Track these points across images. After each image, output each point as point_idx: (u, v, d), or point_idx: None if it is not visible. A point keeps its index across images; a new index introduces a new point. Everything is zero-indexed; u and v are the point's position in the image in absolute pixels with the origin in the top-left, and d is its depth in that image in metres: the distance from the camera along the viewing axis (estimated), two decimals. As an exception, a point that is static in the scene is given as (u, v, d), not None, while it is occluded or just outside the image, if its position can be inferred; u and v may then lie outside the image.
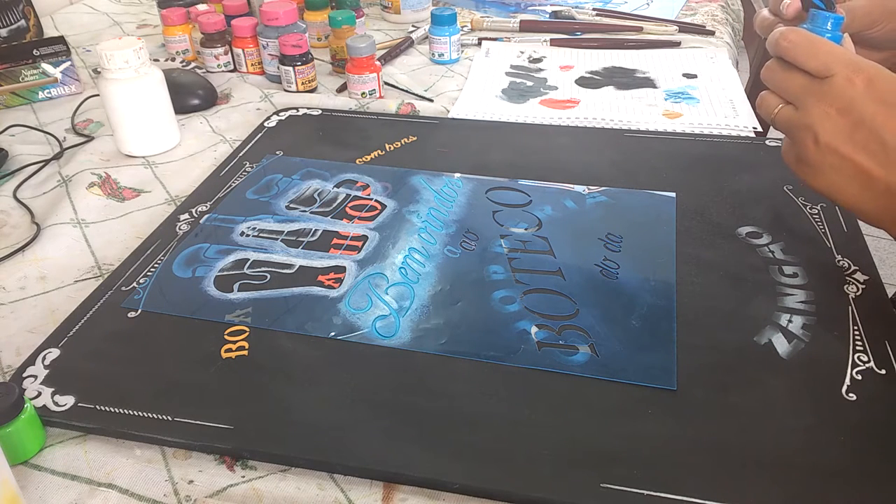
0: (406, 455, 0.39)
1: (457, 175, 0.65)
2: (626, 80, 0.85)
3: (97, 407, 0.43)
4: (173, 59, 0.95)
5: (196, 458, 0.41)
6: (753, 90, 1.03)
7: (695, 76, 0.85)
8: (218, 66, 0.91)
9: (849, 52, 0.46)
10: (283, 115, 0.77)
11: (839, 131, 0.45)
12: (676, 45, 0.94)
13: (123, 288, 0.52)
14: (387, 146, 0.70)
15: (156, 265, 0.54)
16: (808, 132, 0.46)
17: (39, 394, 0.44)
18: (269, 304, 0.50)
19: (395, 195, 0.62)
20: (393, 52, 0.94)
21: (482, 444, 0.40)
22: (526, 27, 1.00)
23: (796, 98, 0.47)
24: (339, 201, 0.62)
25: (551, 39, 0.96)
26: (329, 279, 0.53)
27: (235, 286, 0.52)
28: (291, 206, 0.62)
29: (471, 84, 0.85)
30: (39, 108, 0.83)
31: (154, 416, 0.42)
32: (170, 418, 0.42)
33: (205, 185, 0.65)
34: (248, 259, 0.55)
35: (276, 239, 0.57)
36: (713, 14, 1.04)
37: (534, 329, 0.47)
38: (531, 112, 0.78)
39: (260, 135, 0.73)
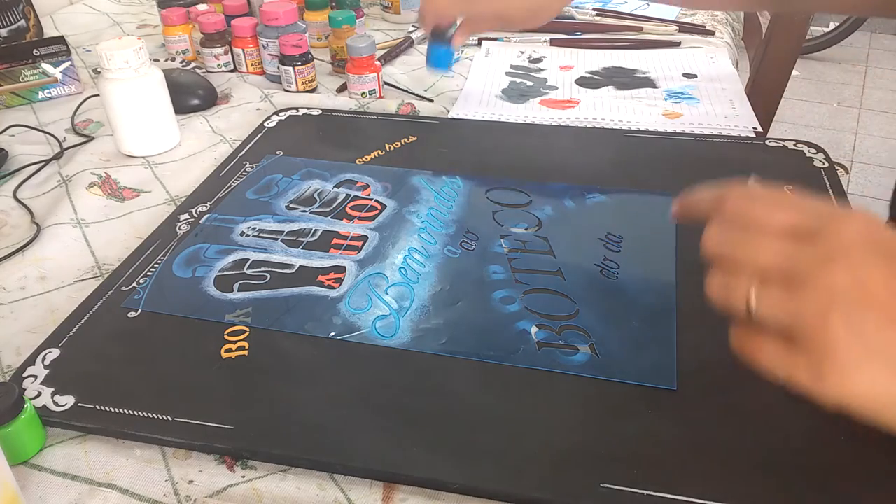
0: (406, 455, 0.39)
1: (457, 175, 0.65)
2: (626, 80, 0.85)
3: (97, 407, 0.43)
4: (173, 59, 0.95)
5: (196, 458, 0.41)
6: (754, 90, 1.04)
7: (695, 76, 0.85)
8: (218, 66, 0.91)
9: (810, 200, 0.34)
10: (283, 115, 0.77)
11: (877, 300, 0.30)
12: (676, 45, 0.94)
13: (123, 288, 0.52)
14: (387, 146, 0.70)
15: (156, 265, 0.54)
16: (832, 314, 0.30)
17: (39, 394, 0.44)
18: (269, 304, 0.50)
19: (395, 195, 0.62)
20: (393, 52, 0.94)
21: (482, 444, 0.40)
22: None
23: (786, 266, 0.32)
24: (339, 201, 0.62)
25: (551, 39, 0.96)
26: (329, 279, 0.53)
27: (235, 286, 0.52)
28: (291, 206, 0.62)
29: (471, 84, 0.85)
30: (39, 108, 0.83)
31: (154, 416, 0.42)
32: (170, 418, 0.42)
33: (205, 185, 0.65)
34: (248, 259, 0.55)
35: (276, 239, 0.57)
36: (713, 14, 1.03)
37: (534, 329, 0.47)
38: (531, 112, 0.78)
39: (260, 135, 0.73)
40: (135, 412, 0.42)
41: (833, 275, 0.30)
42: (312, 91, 0.85)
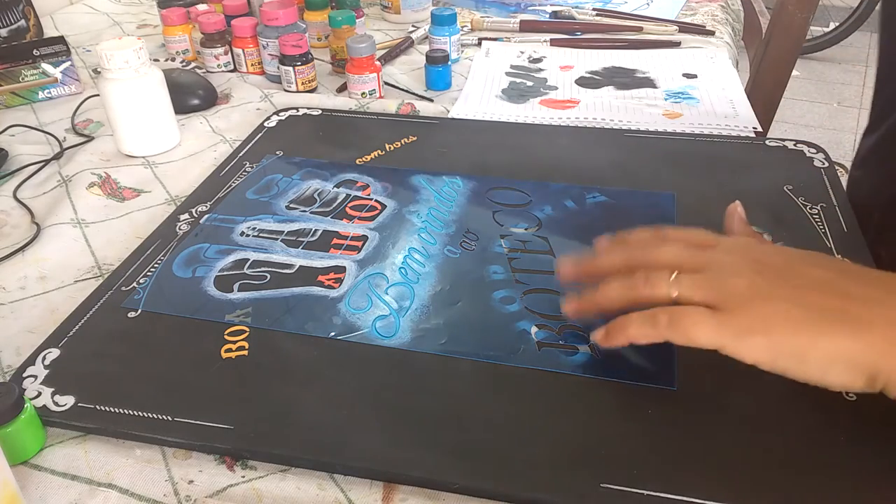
0: (406, 455, 0.39)
1: (457, 175, 0.65)
2: (626, 80, 0.85)
3: (97, 407, 0.43)
4: (173, 59, 0.95)
5: (196, 458, 0.41)
6: (754, 90, 1.04)
7: (695, 76, 0.85)
8: (218, 66, 0.91)
9: None
10: (283, 115, 0.77)
11: (769, 266, 0.40)
12: (676, 45, 0.94)
13: (123, 288, 0.52)
14: (387, 146, 0.70)
15: (156, 265, 0.54)
16: (739, 281, 0.38)
17: (39, 394, 0.44)
18: (269, 304, 0.50)
19: (395, 195, 0.62)
20: (393, 52, 0.94)
21: (482, 444, 0.40)
22: (526, 27, 1.00)
23: (692, 260, 0.41)
24: (339, 201, 0.62)
25: (551, 39, 0.96)
26: (329, 279, 0.53)
27: (235, 286, 0.52)
28: (291, 206, 0.62)
29: (471, 84, 0.85)
30: (39, 108, 0.83)
31: (154, 416, 0.42)
32: (170, 418, 0.42)
33: (205, 185, 0.65)
34: (248, 259, 0.55)
35: (276, 239, 0.57)
36: (713, 14, 1.04)
37: (534, 329, 0.47)
38: (531, 112, 0.78)
39: (260, 135, 0.73)
40: (135, 412, 0.42)
41: (732, 258, 0.40)
42: (312, 91, 0.85)
